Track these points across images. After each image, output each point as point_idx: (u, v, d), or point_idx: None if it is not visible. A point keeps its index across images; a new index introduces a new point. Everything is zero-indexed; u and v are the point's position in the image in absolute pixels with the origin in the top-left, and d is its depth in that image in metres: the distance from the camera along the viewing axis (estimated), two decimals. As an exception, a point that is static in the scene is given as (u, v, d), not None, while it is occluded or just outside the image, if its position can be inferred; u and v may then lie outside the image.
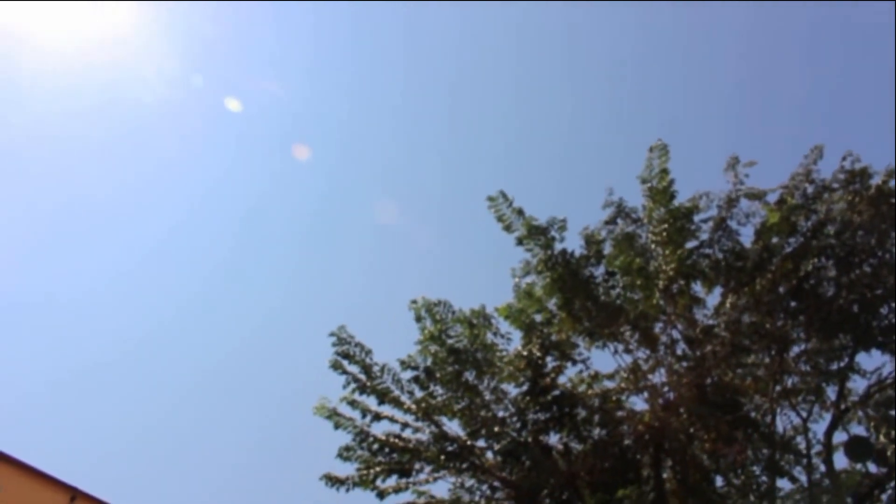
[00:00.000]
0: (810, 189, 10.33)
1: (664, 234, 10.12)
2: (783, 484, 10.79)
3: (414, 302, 10.12)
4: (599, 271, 10.25)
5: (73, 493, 9.22)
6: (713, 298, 10.70)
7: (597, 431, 10.42)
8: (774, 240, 10.30)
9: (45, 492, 9.20)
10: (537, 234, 9.83)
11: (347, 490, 9.87)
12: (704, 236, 10.47)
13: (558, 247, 9.97)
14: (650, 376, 10.50)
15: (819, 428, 10.83)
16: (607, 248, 10.41)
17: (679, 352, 10.50)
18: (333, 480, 9.85)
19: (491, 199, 9.94)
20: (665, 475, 10.59)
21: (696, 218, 10.42)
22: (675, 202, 10.19)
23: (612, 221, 10.61)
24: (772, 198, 10.49)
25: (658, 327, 10.44)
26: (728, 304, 10.43)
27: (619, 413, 10.40)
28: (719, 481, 10.83)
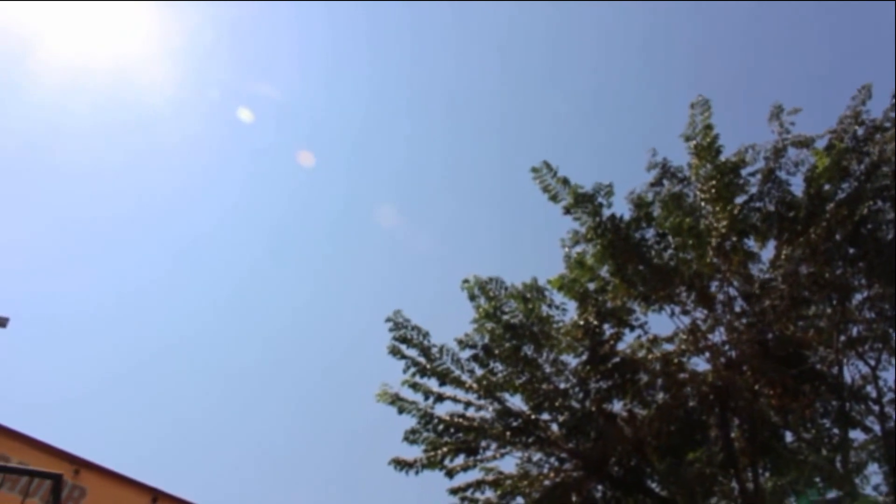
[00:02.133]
0: (860, 131, 10.06)
1: (712, 190, 9.96)
2: (856, 435, 10.59)
3: (466, 281, 10.13)
4: (650, 234, 10.14)
5: (155, 493, 9.46)
6: (768, 252, 10.53)
7: (660, 395, 10.34)
8: (826, 186, 10.06)
9: (128, 494, 9.46)
10: (584, 202, 9.75)
11: (417, 472, 9.95)
12: (754, 190, 10.29)
13: (606, 213, 9.88)
14: (710, 336, 10.39)
15: (889, 375, 10.61)
16: (656, 211, 10.28)
17: (737, 309, 10.34)
18: (402, 464, 9.93)
19: (535, 170, 9.88)
20: (733, 434, 10.47)
21: (744, 171, 10.25)
22: (721, 157, 10.03)
23: (657, 183, 10.48)
24: (820, 144, 10.26)
25: (714, 286, 10.30)
26: (784, 257, 10.22)
27: (682, 375, 10.29)
28: (789, 437, 10.66)
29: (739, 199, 10.21)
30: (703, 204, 10.15)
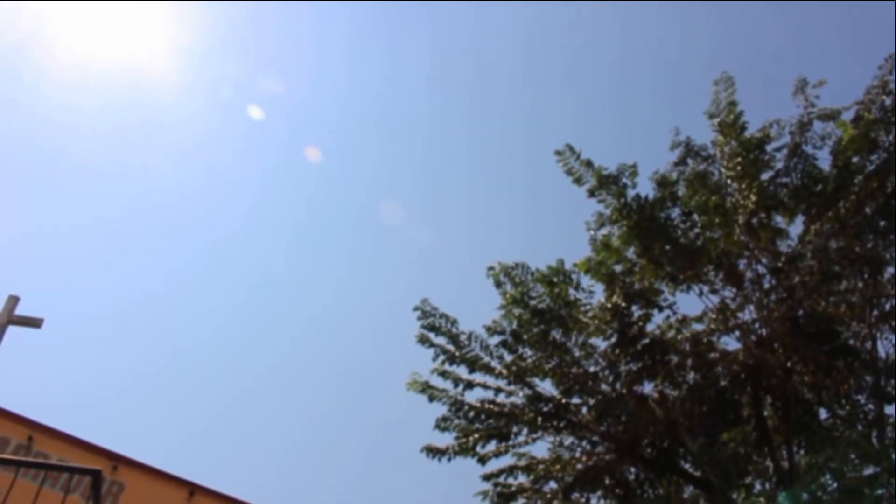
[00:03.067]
0: (888, 101, 9.88)
1: (738, 167, 9.87)
2: (891, 410, 10.46)
3: (491, 268, 10.12)
4: (675, 213, 10.06)
5: (192, 487, 9.58)
6: (796, 228, 10.39)
7: (691, 376, 10.28)
8: (855, 159, 9.91)
9: (165, 488, 9.60)
10: (609, 184, 9.69)
11: (449, 459, 9.99)
12: (779, 165, 10.15)
13: (631, 193, 9.81)
14: (739, 314, 10.29)
15: (924, 349, 10.43)
16: (680, 190, 10.19)
17: (767, 286, 10.23)
18: (434, 451, 9.97)
19: (558, 153, 9.84)
20: (766, 413, 10.39)
21: (769, 147, 10.13)
22: (746, 134, 9.91)
23: (681, 162, 10.38)
24: (847, 116, 10.09)
25: (742, 263, 10.20)
26: (813, 232, 10.08)
27: (712, 355, 10.22)
28: (823, 414, 10.55)
29: (765, 175, 10.10)
30: (728, 181, 10.05)
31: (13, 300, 9.85)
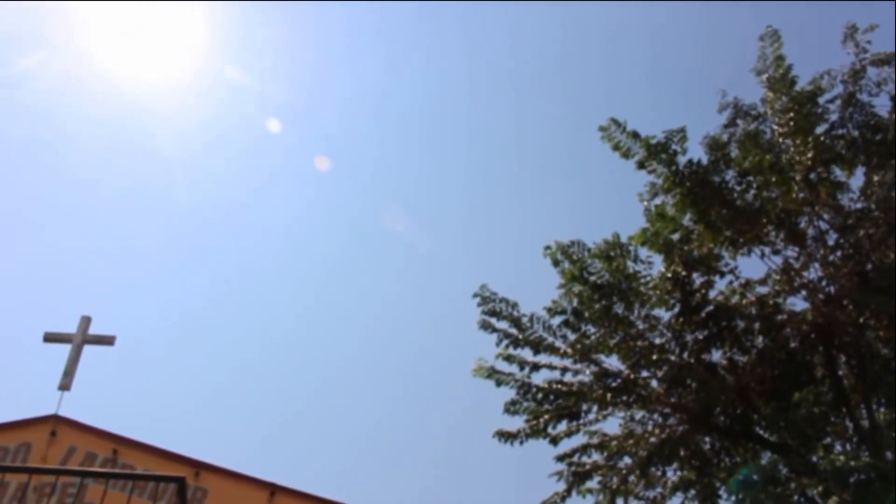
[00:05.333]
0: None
1: (791, 123, 9.63)
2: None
3: (548, 247, 10.05)
4: (730, 176, 9.87)
5: (272, 488, 9.77)
6: (857, 180, 10.11)
7: (759, 340, 10.09)
8: (916, 101, 9.59)
9: (247, 490, 9.81)
10: (658, 152, 9.54)
11: (521, 442, 10.00)
12: (834, 117, 9.88)
13: (682, 160, 9.65)
14: (805, 273, 10.05)
15: None
16: (733, 153, 9.99)
17: (831, 242, 9.98)
18: (506, 435, 9.99)
19: (602, 128, 9.73)
20: (841, 372, 10.16)
21: (822, 99, 9.86)
22: (797, 88, 9.66)
23: (731, 124, 10.18)
24: (903, 58, 9.75)
25: (803, 221, 9.96)
26: (875, 182, 9.81)
27: (780, 317, 10.01)
28: (901, 368, 10.26)
29: (820, 129, 9.83)
30: (782, 138, 9.82)
31: (86, 321, 10.20)
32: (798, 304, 10.15)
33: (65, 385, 9.93)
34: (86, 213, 28.42)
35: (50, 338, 10.21)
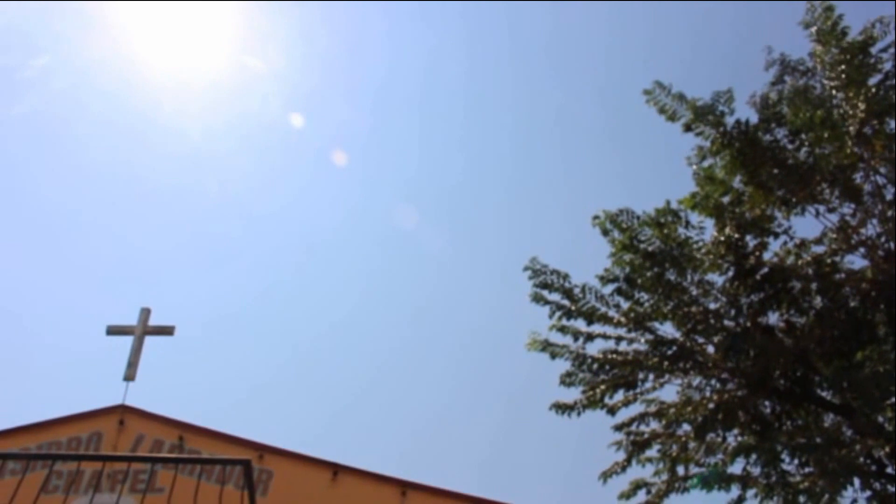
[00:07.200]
0: None
1: (842, 76, 9.35)
2: None
3: (597, 217, 9.97)
4: (780, 134, 9.65)
5: (335, 468, 9.94)
6: (914, 131, 9.78)
7: (818, 300, 9.88)
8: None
9: (309, 470, 10.01)
10: (705, 114, 9.38)
11: (578, 414, 9.99)
12: (888, 66, 9.55)
13: (729, 121, 9.47)
14: (862, 230, 9.81)
15: None
16: (783, 110, 9.75)
17: (889, 197, 9.71)
18: (563, 407, 9.98)
19: (647, 92, 9.59)
20: (904, 329, 9.90)
21: (874, 49, 9.54)
22: (847, 39, 9.38)
23: (779, 81, 9.93)
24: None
25: (859, 177, 9.70)
26: (934, 132, 9.50)
27: (838, 276, 9.79)
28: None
29: (873, 80, 9.52)
30: (833, 92, 9.55)
31: (146, 312, 10.47)
32: (857, 261, 9.93)
33: (129, 375, 10.23)
34: (131, 210, 29.13)
35: (113, 330, 10.53)
